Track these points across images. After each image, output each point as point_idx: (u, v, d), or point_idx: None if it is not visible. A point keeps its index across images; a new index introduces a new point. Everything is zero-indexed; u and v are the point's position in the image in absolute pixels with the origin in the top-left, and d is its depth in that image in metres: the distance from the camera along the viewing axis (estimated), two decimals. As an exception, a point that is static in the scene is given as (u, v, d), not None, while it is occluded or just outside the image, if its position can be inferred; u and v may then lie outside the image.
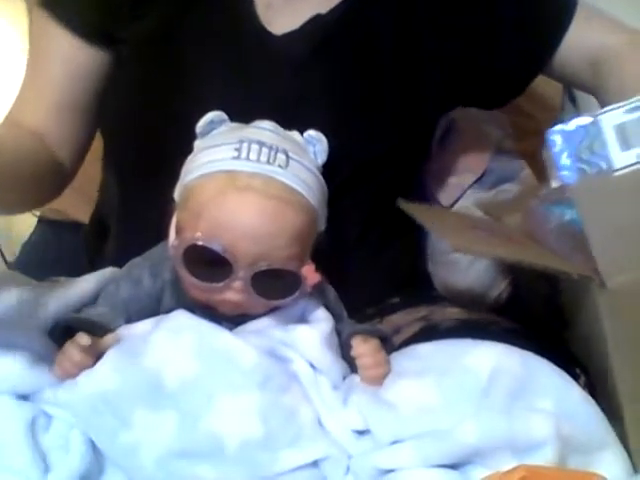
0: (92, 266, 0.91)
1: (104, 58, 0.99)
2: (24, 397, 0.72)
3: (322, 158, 0.84)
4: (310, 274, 0.77)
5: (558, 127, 0.80)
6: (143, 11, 0.95)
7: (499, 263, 1.12)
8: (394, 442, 0.71)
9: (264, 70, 0.93)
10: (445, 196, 1.13)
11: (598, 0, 1.04)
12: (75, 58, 0.98)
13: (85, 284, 0.84)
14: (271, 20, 0.95)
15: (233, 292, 0.76)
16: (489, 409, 0.72)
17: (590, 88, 1.01)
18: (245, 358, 0.73)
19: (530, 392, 0.74)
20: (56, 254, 1.17)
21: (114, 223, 1.00)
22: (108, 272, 0.87)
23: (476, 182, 1.14)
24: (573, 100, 1.24)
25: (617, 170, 0.77)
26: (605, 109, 0.79)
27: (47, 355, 0.75)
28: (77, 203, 1.15)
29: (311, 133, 0.83)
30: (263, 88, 0.92)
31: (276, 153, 0.78)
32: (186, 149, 0.82)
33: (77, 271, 0.89)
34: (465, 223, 0.99)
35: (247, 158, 0.77)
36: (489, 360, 0.74)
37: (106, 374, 0.72)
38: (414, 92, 0.97)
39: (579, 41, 0.99)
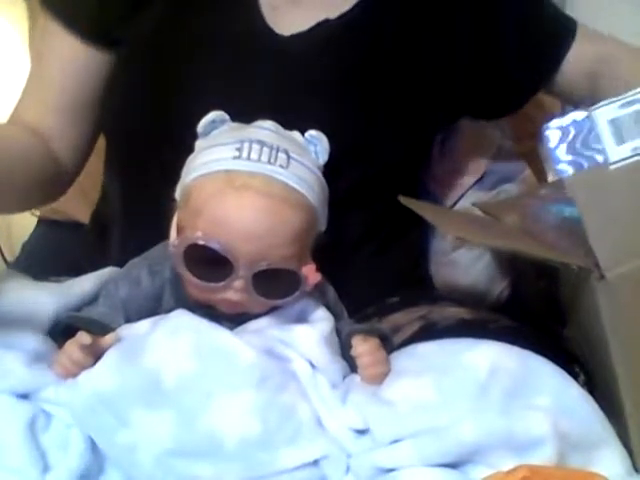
0: (92, 266, 0.90)
1: (105, 58, 0.98)
2: (24, 396, 0.72)
3: (323, 158, 0.84)
4: (311, 274, 0.77)
5: (554, 122, 0.80)
6: (144, 11, 0.95)
7: (499, 262, 1.12)
8: (394, 441, 0.71)
9: (269, 69, 0.93)
10: (446, 197, 1.14)
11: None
12: (76, 59, 0.98)
13: (85, 284, 0.85)
14: (277, 22, 0.95)
15: (233, 292, 0.76)
16: (487, 407, 0.72)
17: (587, 100, 1.02)
18: (243, 357, 0.73)
19: (529, 390, 0.74)
20: (56, 254, 1.17)
21: (115, 223, 1.00)
22: (108, 272, 0.87)
23: (476, 183, 1.14)
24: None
25: (613, 164, 0.78)
26: (599, 104, 0.79)
27: (47, 354, 0.76)
28: (77, 203, 1.15)
29: (312, 133, 0.84)
30: (266, 88, 0.92)
31: (277, 153, 0.78)
32: (187, 149, 0.82)
33: (77, 271, 0.89)
34: (466, 218, 1.00)
35: (248, 158, 0.77)
36: (488, 358, 0.75)
37: (106, 374, 0.72)
38: (419, 102, 0.97)
39: (578, 55, 1.01)
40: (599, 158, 0.78)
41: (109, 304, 0.81)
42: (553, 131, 0.79)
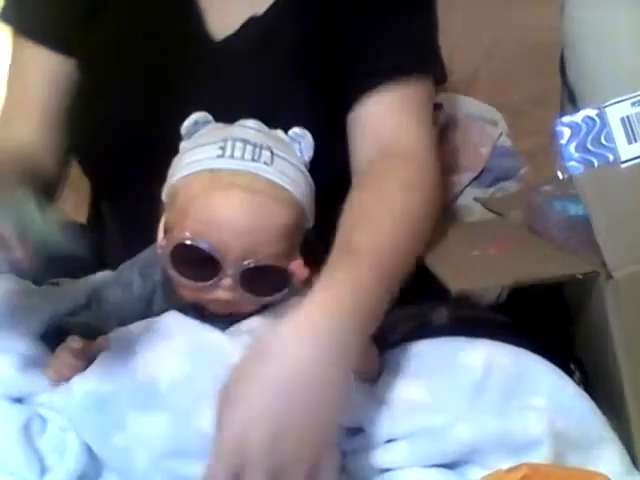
0: (91, 266, 0.91)
1: (73, 65, 0.97)
2: (18, 400, 0.73)
3: (308, 154, 0.83)
4: (299, 269, 0.77)
5: (566, 118, 0.79)
6: (99, 16, 0.94)
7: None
8: (389, 441, 0.71)
9: (207, 74, 0.90)
10: (444, 194, 1.13)
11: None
12: (44, 67, 0.97)
13: (78, 288, 0.85)
14: (212, 21, 0.93)
15: (222, 290, 0.76)
16: (482, 407, 0.72)
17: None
18: (235, 357, 0.71)
19: (524, 389, 0.74)
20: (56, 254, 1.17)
21: (108, 226, 1.00)
22: (100, 276, 0.87)
23: (475, 180, 1.13)
24: (572, 100, 1.22)
25: (624, 162, 0.77)
26: (611, 101, 0.78)
27: (40, 358, 0.76)
28: (77, 203, 1.15)
29: (296, 130, 0.83)
30: (208, 90, 0.89)
31: (261, 150, 0.78)
32: (173, 150, 0.82)
33: (77, 271, 0.89)
34: (464, 246, 0.95)
35: (231, 156, 0.77)
36: (482, 358, 0.74)
37: (99, 377, 0.73)
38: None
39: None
40: (610, 157, 0.77)
41: (101, 308, 0.81)
42: (565, 127, 0.79)
